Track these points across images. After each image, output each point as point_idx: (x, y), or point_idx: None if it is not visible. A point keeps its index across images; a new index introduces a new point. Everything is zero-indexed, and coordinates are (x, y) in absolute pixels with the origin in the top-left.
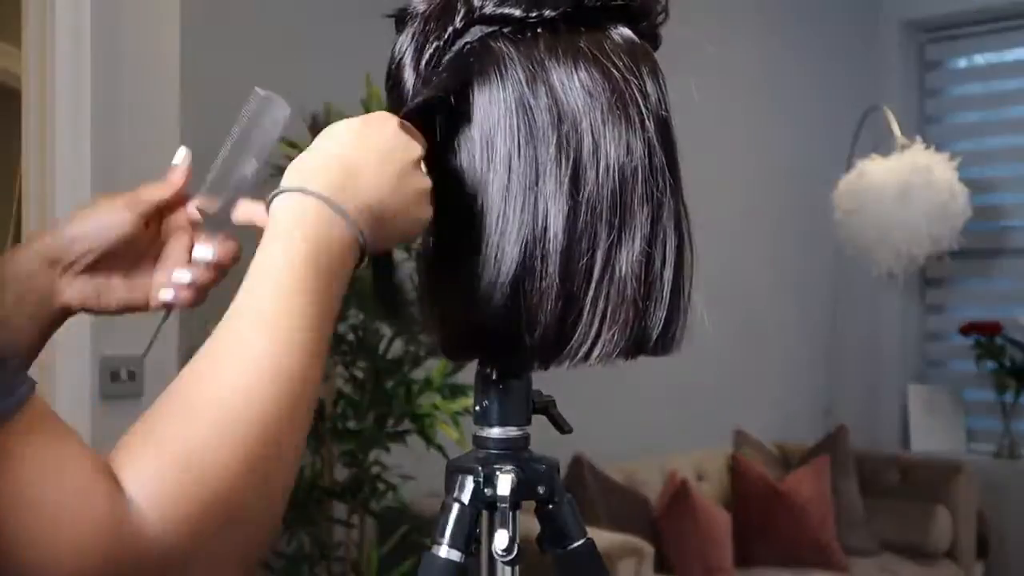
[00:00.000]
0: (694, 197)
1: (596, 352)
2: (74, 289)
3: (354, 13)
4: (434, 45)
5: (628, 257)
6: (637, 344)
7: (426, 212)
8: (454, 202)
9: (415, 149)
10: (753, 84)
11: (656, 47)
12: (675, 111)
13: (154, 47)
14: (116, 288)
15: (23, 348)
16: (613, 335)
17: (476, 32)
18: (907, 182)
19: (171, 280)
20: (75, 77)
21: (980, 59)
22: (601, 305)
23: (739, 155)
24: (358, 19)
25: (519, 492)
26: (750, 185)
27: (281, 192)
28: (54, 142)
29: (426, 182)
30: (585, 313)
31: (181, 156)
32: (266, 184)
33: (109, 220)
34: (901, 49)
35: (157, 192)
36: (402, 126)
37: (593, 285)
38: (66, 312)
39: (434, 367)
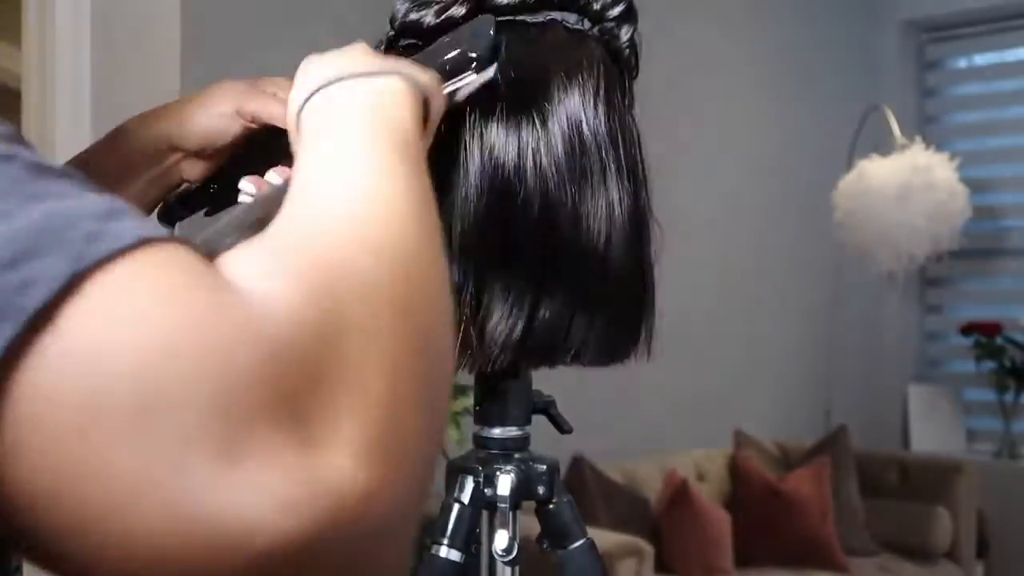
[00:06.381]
0: (694, 198)
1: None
2: (196, 169)
3: (354, 14)
4: None
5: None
6: (616, 352)
7: None
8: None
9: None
10: (752, 84)
11: (620, 47)
12: (676, 110)
13: (154, 47)
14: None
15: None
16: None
17: None
18: (907, 182)
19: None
20: (75, 77)
21: (980, 59)
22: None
23: (739, 155)
24: (358, 20)
25: (519, 492)
26: (750, 185)
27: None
28: (54, 142)
29: None
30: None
31: None
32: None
33: (225, 127)
34: (901, 49)
35: (271, 113)
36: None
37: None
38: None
39: None
